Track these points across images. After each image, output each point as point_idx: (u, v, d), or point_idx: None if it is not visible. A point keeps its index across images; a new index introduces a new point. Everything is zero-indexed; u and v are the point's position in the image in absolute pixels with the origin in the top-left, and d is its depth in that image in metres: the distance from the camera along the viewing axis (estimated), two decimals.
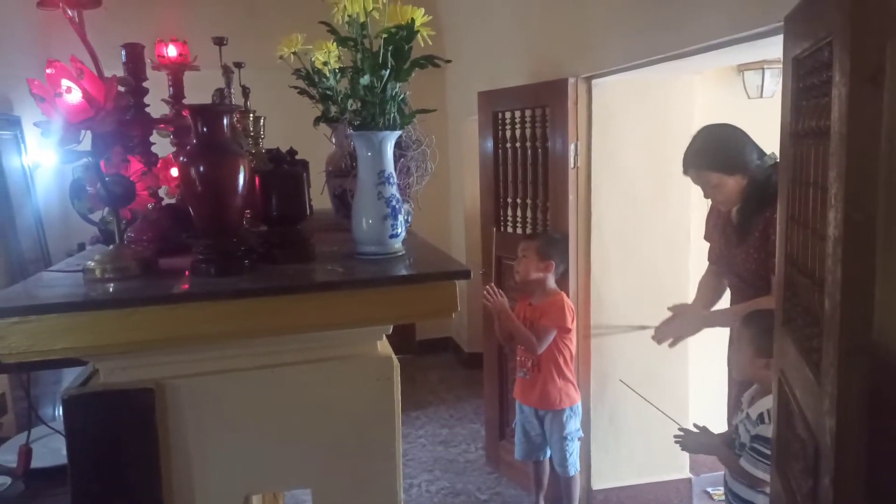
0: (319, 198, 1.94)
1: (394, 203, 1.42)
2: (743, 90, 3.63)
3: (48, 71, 1.20)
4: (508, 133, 3.54)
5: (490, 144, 3.64)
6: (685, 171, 2.44)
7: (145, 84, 1.58)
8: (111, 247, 1.31)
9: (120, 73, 1.44)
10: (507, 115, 3.52)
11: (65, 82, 1.19)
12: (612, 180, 3.16)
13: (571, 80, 3.04)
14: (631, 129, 3.14)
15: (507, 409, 3.65)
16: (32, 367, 1.57)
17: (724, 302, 2.65)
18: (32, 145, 4.51)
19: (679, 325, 2.56)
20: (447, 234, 5.67)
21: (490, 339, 3.80)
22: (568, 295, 3.10)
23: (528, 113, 3.37)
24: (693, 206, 3.19)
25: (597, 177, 3.15)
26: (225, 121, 1.30)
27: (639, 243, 3.21)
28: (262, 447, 1.24)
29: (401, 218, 1.44)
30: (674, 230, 3.23)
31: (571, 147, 3.09)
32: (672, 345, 2.60)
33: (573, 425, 3.06)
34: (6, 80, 4.29)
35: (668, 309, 2.62)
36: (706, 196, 2.49)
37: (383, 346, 1.35)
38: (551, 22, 3.39)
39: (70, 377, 2.19)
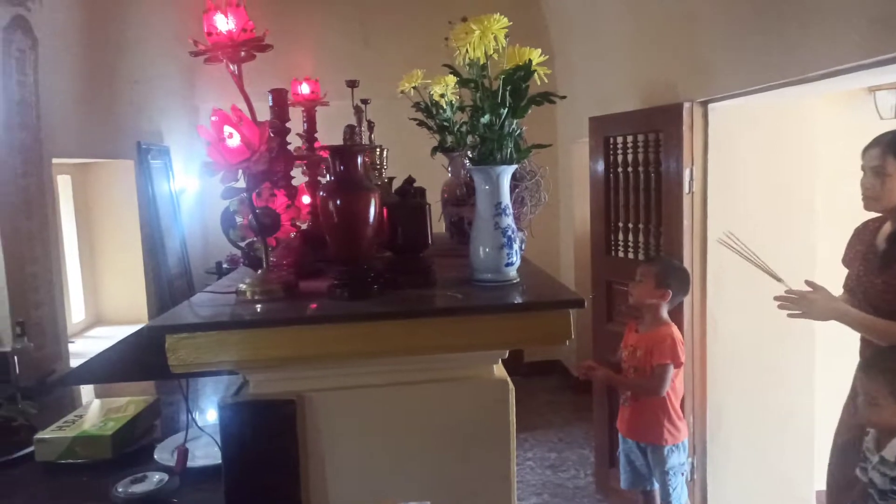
0: (434, 223, 2.05)
1: (510, 233, 1.50)
2: (874, 111, 3.43)
3: (213, 119, 1.38)
4: (620, 158, 3.53)
5: (601, 169, 3.65)
6: (866, 151, 2.19)
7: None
8: (259, 271, 1.48)
9: (262, 108, 1.61)
10: (619, 139, 3.52)
11: (227, 128, 1.36)
12: (729, 206, 3.08)
13: (686, 105, 3.01)
14: (749, 154, 3.05)
15: (616, 435, 3.60)
16: (191, 375, 1.77)
17: (853, 336, 2.50)
18: (179, 172, 5.01)
19: (810, 301, 2.28)
20: (556, 256, 5.69)
21: (600, 364, 3.78)
22: (682, 323, 3.03)
23: (640, 138, 3.36)
24: (819, 234, 3.03)
25: (713, 202, 3.08)
26: (359, 159, 1.44)
27: (759, 271, 3.10)
28: (387, 459, 1.34)
29: (516, 247, 1.51)
30: (797, 258, 3.08)
31: (686, 172, 3.04)
32: (791, 315, 2.35)
33: (676, 460, 2.91)
34: (159, 116, 4.81)
35: (806, 283, 2.36)
36: (866, 192, 2.21)
37: (499, 370, 1.43)
38: (664, 47, 3.37)
39: (202, 384, 2.43)
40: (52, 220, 3.16)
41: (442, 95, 2.22)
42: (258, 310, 1.35)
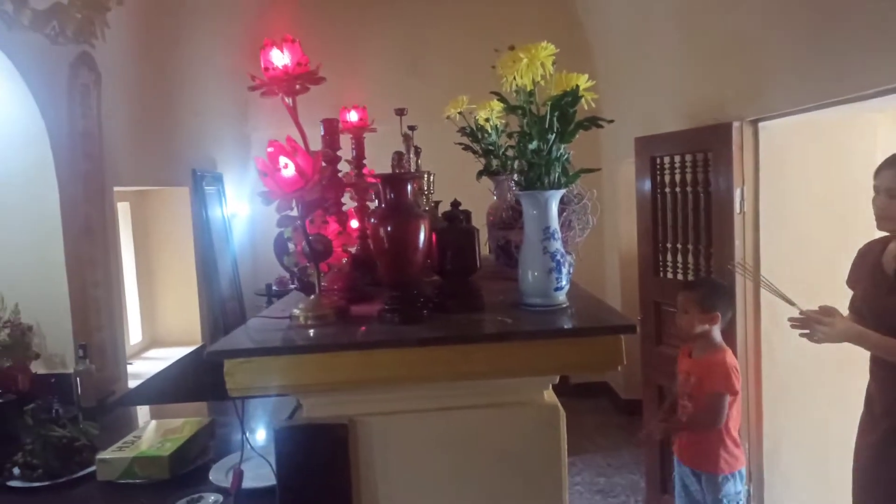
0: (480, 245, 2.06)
1: (558, 257, 1.50)
2: None
3: (269, 150, 1.43)
4: (667, 178, 3.49)
5: (648, 189, 3.61)
6: (879, 172, 2.18)
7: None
8: (312, 297, 1.51)
9: (311, 134, 1.65)
10: (666, 159, 3.49)
11: (282, 159, 1.40)
12: (783, 226, 3.00)
13: (736, 124, 2.96)
14: (803, 173, 2.98)
15: (668, 461, 3.51)
16: (246, 397, 1.81)
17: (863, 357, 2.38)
18: (231, 197, 5.16)
19: (824, 325, 2.27)
20: (601, 276, 5.62)
21: (649, 387, 3.71)
22: (735, 349, 2.94)
23: (688, 157, 3.31)
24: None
25: (766, 222, 3.00)
26: (408, 187, 1.46)
27: (815, 294, 2.99)
28: (438, 483, 1.35)
29: (565, 271, 1.51)
30: None
31: (737, 192, 2.99)
32: (803, 335, 2.34)
33: (731, 488, 2.79)
34: (213, 144, 4.97)
35: (820, 308, 2.37)
36: (879, 212, 2.20)
37: (549, 395, 1.42)
38: (711, 65, 3.33)
39: (254, 406, 2.48)
40: (112, 246, 3.29)
41: (487, 120, 2.25)
42: (311, 334, 1.38)
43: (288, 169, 1.40)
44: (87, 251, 2.95)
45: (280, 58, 1.44)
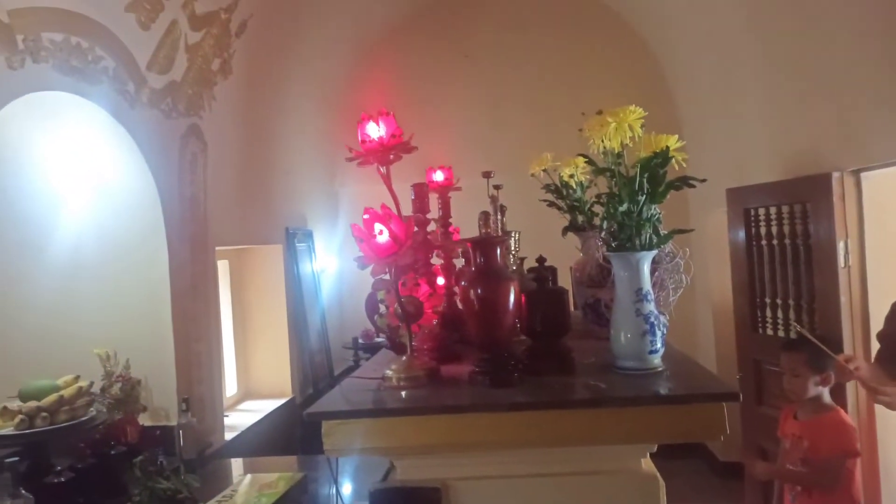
0: None
1: (652, 319, 1.46)
2: None
3: (365, 217, 1.50)
4: (763, 230, 3.36)
5: (742, 242, 3.48)
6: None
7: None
8: (404, 358, 1.54)
9: (399, 189, 1.69)
10: (761, 211, 3.36)
11: (377, 226, 1.46)
12: (892, 280, 2.81)
13: (836, 175, 2.83)
14: None
15: None
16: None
17: None
18: (321, 253, 5.36)
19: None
20: (693, 330, 5.40)
21: (751, 448, 3.49)
22: (845, 406, 2.74)
23: (784, 209, 3.19)
24: None
25: (874, 276, 2.82)
26: (498, 250, 1.49)
27: None
28: None
29: (659, 334, 1.48)
30: None
31: (840, 245, 2.83)
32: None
33: None
34: (304, 201, 5.22)
35: (841, 357, 2.32)
36: None
37: (647, 464, 1.37)
38: (805, 114, 3.22)
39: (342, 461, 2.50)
40: (213, 303, 3.48)
41: (571, 176, 2.26)
42: (403, 396, 1.40)
43: (382, 235, 1.46)
44: (191, 308, 3.13)
45: (375, 130, 1.52)
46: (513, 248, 2.21)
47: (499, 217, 2.20)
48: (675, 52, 5.12)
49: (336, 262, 5.73)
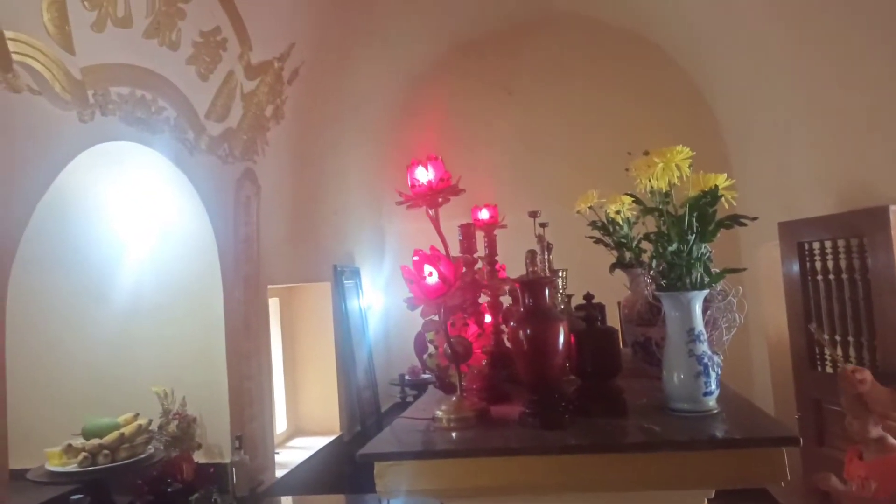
0: None
1: (705, 360, 1.44)
2: None
3: (414, 258, 1.53)
4: (818, 264, 3.27)
5: (796, 277, 3.39)
6: None
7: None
8: (454, 398, 1.55)
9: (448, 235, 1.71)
10: (815, 245, 3.28)
11: (427, 267, 1.49)
12: None
13: (893, 207, 2.75)
14: None
15: None
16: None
17: None
18: (367, 290, 5.43)
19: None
20: (748, 368, 5.23)
21: (812, 494, 3.34)
22: None
23: (840, 243, 3.10)
24: None
25: None
26: (546, 290, 1.49)
27: None
28: None
29: (713, 375, 1.45)
30: None
31: None
32: None
33: None
34: (351, 240, 5.32)
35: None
36: None
37: None
38: (858, 146, 3.15)
39: None
40: (264, 341, 3.56)
41: (618, 212, 2.25)
42: (454, 437, 1.41)
43: (432, 277, 1.49)
44: (244, 346, 3.21)
45: (424, 174, 1.56)
46: (560, 287, 2.21)
47: (546, 256, 2.21)
48: (721, 84, 5.09)
49: (382, 299, 5.79)
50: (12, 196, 1.90)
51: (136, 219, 2.96)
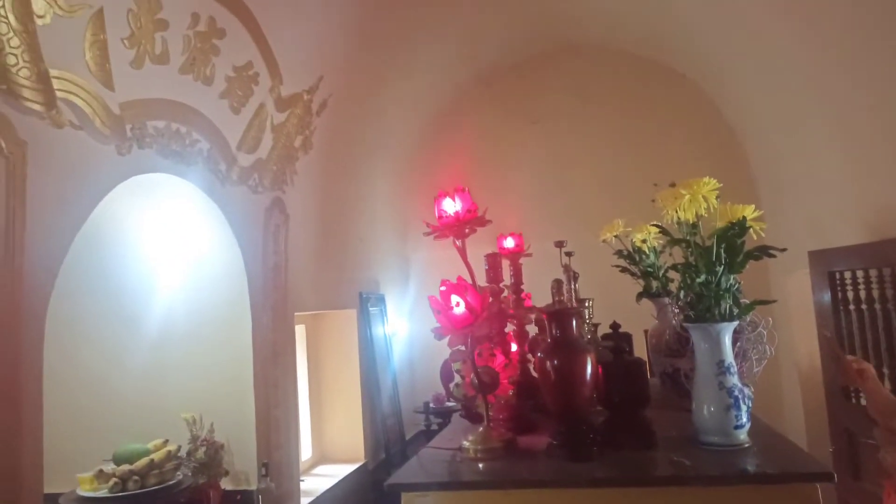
0: None
1: (736, 393, 1.42)
2: None
3: (441, 289, 1.54)
4: (850, 294, 3.21)
5: (828, 307, 3.33)
6: None
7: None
8: (481, 428, 1.55)
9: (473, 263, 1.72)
10: (847, 274, 3.22)
11: (454, 298, 1.51)
12: None
13: None
14: None
15: None
16: None
17: None
18: (392, 317, 5.45)
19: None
20: (778, 397, 5.11)
21: None
22: None
23: (872, 272, 3.04)
24: None
25: None
26: (573, 321, 1.50)
27: None
28: None
29: (744, 407, 1.43)
30: None
31: None
32: None
33: None
34: (377, 267, 5.36)
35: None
36: None
37: None
38: (891, 174, 3.11)
39: None
40: (291, 368, 3.58)
41: (644, 241, 2.25)
42: (481, 468, 1.41)
43: (459, 307, 1.50)
44: (272, 373, 3.24)
45: (452, 206, 1.59)
46: (587, 316, 2.20)
47: (572, 285, 2.21)
48: (747, 111, 5.07)
49: (407, 326, 5.80)
50: (53, 228, 1.97)
51: (169, 248, 3.03)
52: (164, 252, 3.03)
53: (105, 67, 2.11)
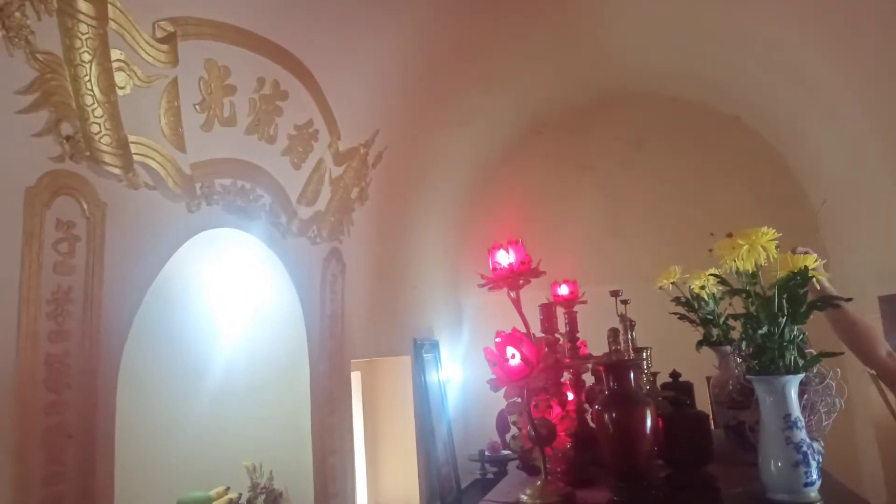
0: None
1: (804, 448, 1.37)
2: None
3: (497, 340, 1.56)
4: None
5: None
6: None
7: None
8: (538, 482, 1.54)
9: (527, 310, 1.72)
10: None
11: (510, 349, 1.52)
12: None
13: None
14: None
15: None
16: None
17: None
18: (446, 363, 5.45)
19: None
20: (854, 454, 4.83)
21: None
22: None
23: None
24: None
25: None
26: (632, 373, 1.49)
27: None
28: None
29: (814, 463, 1.38)
30: None
31: None
32: None
33: None
34: (430, 313, 5.39)
35: None
36: None
37: None
38: None
39: None
40: (347, 415, 3.62)
41: (702, 287, 2.20)
42: None
43: (515, 358, 1.51)
44: (328, 421, 3.28)
45: (505, 257, 1.61)
46: (645, 366, 2.17)
47: (629, 335, 2.18)
48: (805, 152, 4.96)
49: (461, 372, 5.78)
50: (127, 283, 2.09)
51: (231, 299, 3.14)
52: (226, 303, 3.15)
53: (178, 131, 2.25)
